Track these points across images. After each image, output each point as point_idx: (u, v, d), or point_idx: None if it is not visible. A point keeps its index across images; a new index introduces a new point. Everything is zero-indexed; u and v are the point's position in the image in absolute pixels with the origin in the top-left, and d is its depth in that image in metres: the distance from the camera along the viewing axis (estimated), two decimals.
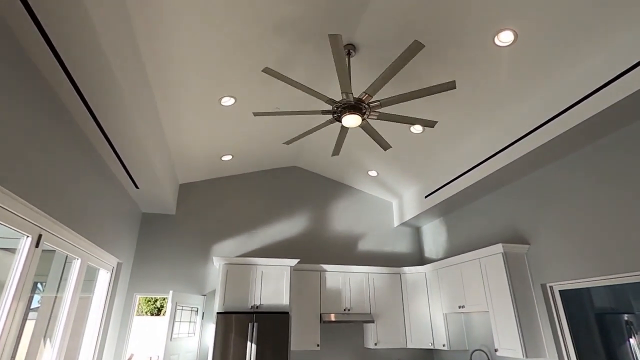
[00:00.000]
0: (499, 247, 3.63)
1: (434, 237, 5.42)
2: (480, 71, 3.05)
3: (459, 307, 4.14)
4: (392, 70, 2.44)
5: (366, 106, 2.91)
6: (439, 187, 4.61)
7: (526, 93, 3.18)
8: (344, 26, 2.86)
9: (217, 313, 3.96)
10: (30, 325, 2.78)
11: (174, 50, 2.77)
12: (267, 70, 2.46)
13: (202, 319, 4.49)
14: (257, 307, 4.13)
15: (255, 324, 3.98)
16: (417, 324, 4.72)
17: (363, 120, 3.01)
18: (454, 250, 4.92)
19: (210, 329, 4.45)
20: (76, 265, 3.11)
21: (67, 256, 3.08)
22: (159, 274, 4.61)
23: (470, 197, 4.45)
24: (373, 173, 5.24)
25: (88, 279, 3.87)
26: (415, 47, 2.23)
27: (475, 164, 3.92)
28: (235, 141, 4.38)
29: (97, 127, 2.85)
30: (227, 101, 3.53)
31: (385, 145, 3.40)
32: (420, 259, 5.69)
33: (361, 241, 5.53)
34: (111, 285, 3.96)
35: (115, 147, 3.18)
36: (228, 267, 4.24)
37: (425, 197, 4.93)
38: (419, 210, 5.09)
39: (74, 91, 2.43)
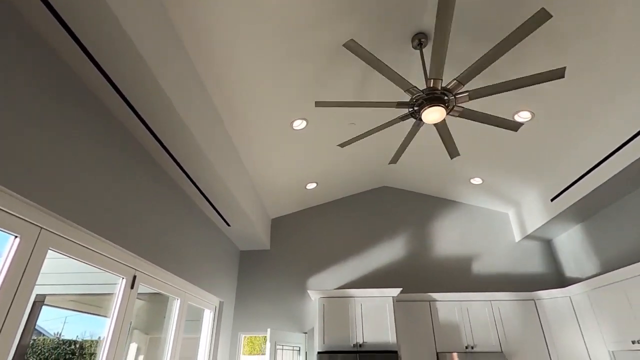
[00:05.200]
0: None
1: (574, 250, 4.27)
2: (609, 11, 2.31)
3: (634, 343, 3.01)
4: (500, 49, 1.91)
5: (452, 98, 2.42)
6: (569, 184, 3.64)
7: None
8: (411, 13, 2.51)
9: (318, 353, 3.63)
10: None
11: (234, 77, 2.78)
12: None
13: (305, 359, 4.21)
14: (360, 345, 3.68)
15: None
16: None
17: (447, 115, 2.53)
18: (607, 265, 3.75)
19: None
20: (176, 305, 3.19)
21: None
22: (261, 311, 4.56)
23: (617, 190, 3.38)
24: (477, 180, 4.48)
25: (196, 319, 4.00)
26: (542, 17, 1.71)
27: (622, 143, 2.96)
28: (316, 167, 4.23)
29: (182, 172, 2.98)
30: (299, 124, 3.41)
31: (453, 152, 2.82)
32: (558, 280, 4.52)
33: (476, 263, 4.68)
34: (215, 324, 4.01)
35: (200, 187, 3.29)
36: (324, 301, 3.94)
37: (552, 200, 3.95)
38: (546, 218, 4.10)
39: (156, 142, 2.57)
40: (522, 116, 3.25)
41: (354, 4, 2.38)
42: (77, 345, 2.47)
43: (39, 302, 2.84)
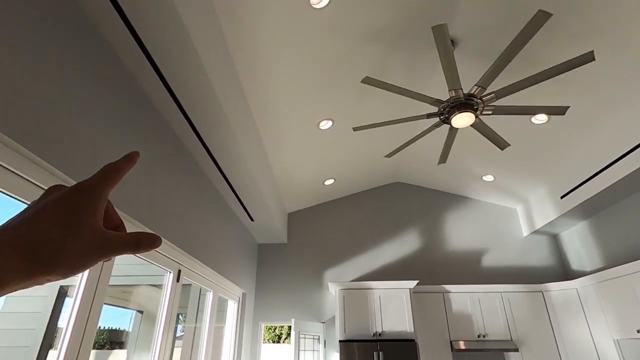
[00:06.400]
0: None
1: (580, 244, 4.50)
2: (620, 31, 2.46)
3: (639, 332, 3.24)
4: (510, 53, 2.10)
5: (479, 101, 2.58)
6: (578, 183, 3.83)
7: None
8: (437, 20, 2.64)
9: (340, 341, 3.83)
10: (177, 353, 3.08)
11: (272, 82, 2.90)
12: (366, 80, 2.35)
13: (325, 347, 4.41)
14: (379, 334, 3.89)
15: (380, 352, 3.73)
16: (577, 352, 3.86)
17: (476, 118, 2.69)
18: (613, 259, 3.97)
19: (334, 358, 4.33)
20: (209, 297, 3.35)
21: (200, 289, 3.37)
22: (279, 302, 4.74)
23: (626, 190, 3.58)
24: (489, 178, 4.66)
25: (220, 310, 4.17)
26: (541, 18, 1.88)
27: (630, 148, 3.15)
28: (335, 164, 4.38)
29: (216, 168, 3.11)
30: (325, 124, 3.54)
31: (502, 144, 2.98)
32: (564, 273, 4.76)
33: (486, 256, 4.89)
34: (239, 314, 4.19)
35: (231, 183, 3.43)
36: (344, 292, 4.13)
37: (562, 197, 4.15)
38: (556, 215, 4.30)
39: (200, 144, 2.70)
40: (539, 118, 3.42)
41: (381, 27, 2.50)
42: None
43: (62, 294, 3.01)
